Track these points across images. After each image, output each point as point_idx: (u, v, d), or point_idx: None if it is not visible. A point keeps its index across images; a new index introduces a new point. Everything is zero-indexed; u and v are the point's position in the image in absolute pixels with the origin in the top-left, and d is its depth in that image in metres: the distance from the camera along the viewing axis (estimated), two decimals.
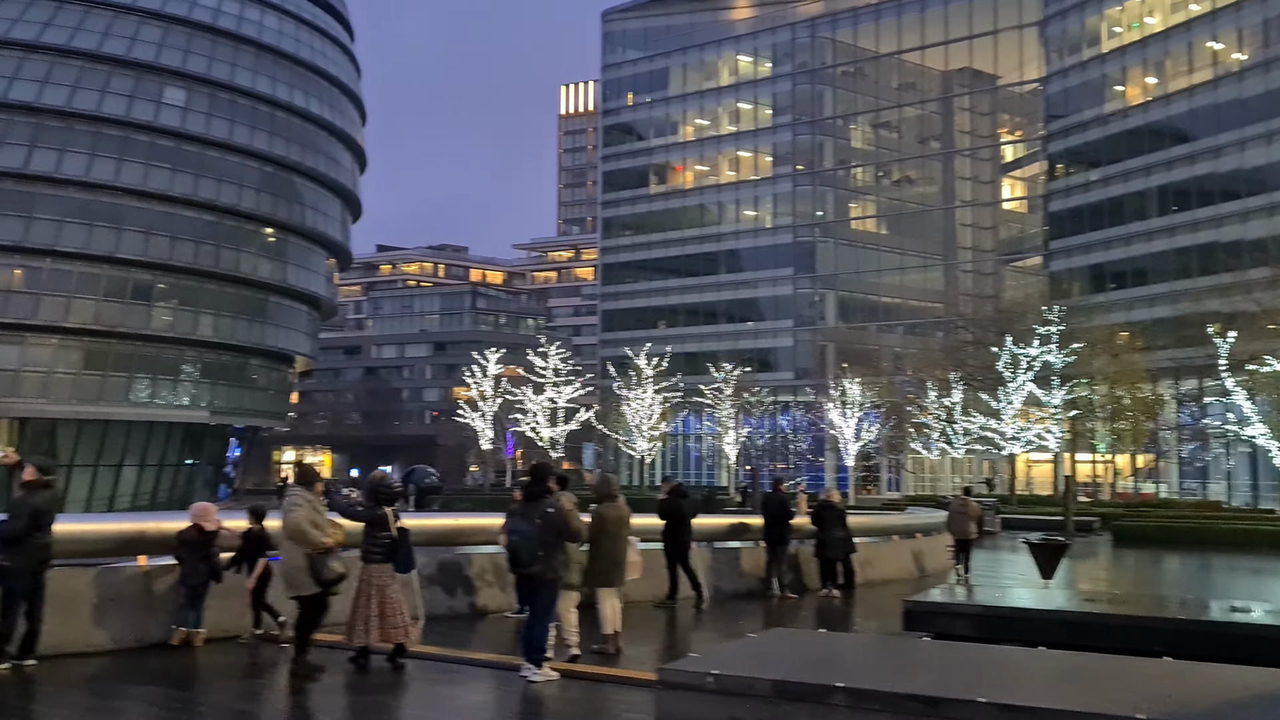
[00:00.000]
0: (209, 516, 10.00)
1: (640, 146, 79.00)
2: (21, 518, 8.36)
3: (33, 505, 8.46)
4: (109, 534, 10.03)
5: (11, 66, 50.38)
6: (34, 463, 8.80)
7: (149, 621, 9.58)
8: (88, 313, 50.58)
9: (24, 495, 8.52)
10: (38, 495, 8.55)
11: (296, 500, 8.61)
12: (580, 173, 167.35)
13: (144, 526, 9.89)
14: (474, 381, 64.32)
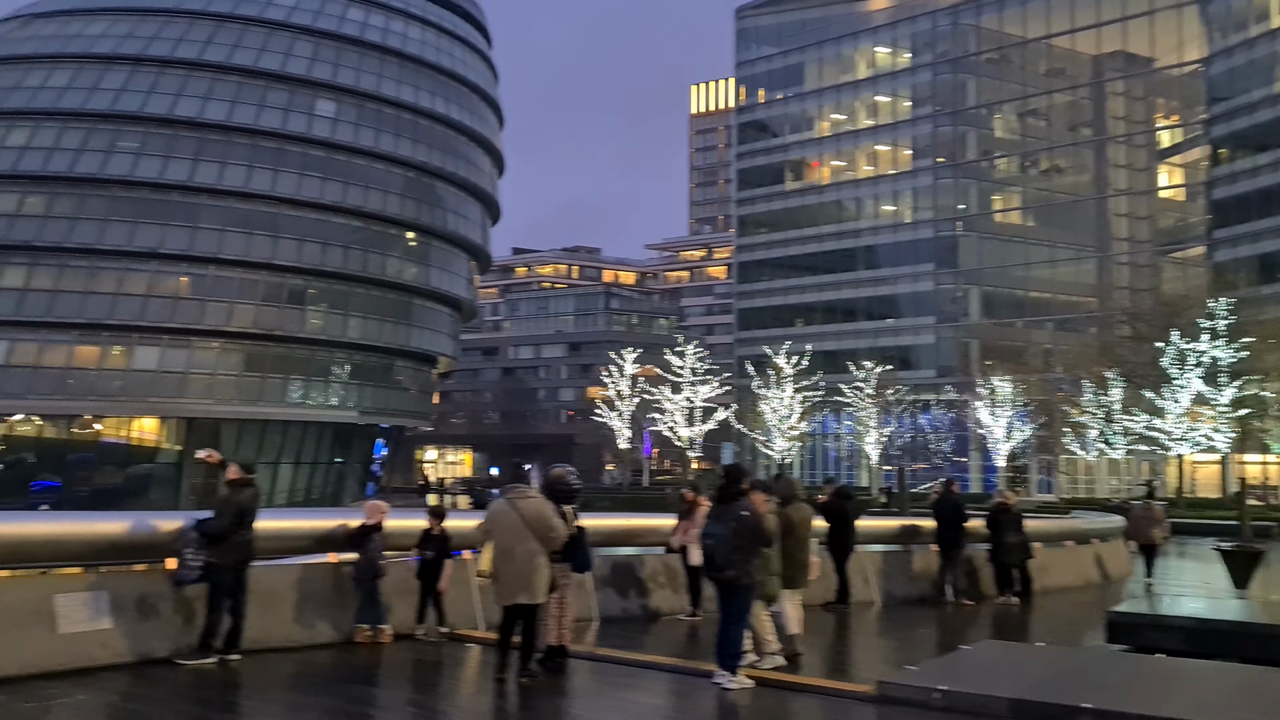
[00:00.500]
0: (376, 513, 10.07)
1: (775, 143, 78.09)
2: (227, 515, 8.54)
3: (237, 503, 8.65)
4: (305, 531, 10.17)
5: (176, 84, 53.07)
6: (237, 461, 8.99)
7: (342, 618, 9.70)
8: (247, 317, 52.86)
9: (229, 493, 8.71)
10: (242, 493, 8.73)
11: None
12: (711, 172, 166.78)
13: (335, 524, 10.01)
14: (611, 381, 64.61)
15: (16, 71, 52.59)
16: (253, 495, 8.86)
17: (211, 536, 8.50)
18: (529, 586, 8.13)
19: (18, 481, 49.94)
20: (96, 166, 50.43)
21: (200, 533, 8.56)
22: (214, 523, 8.54)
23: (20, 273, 49.23)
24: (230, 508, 8.61)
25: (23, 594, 7.89)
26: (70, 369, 49.54)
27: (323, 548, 9.97)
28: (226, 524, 8.51)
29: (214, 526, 8.51)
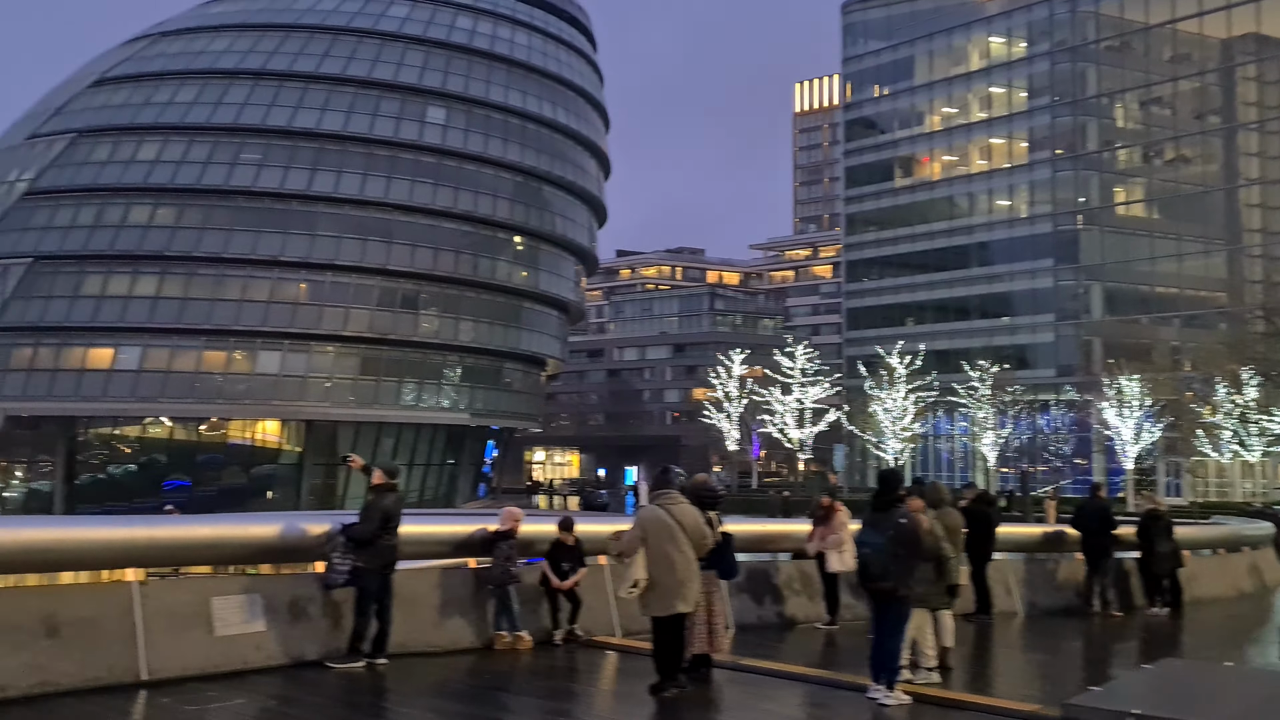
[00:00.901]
0: (510, 519, 9.98)
1: (884, 139, 76.60)
2: (373, 519, 8.55)
3: (383, 508, 8.65)
4: (444, 536, 10.15)
5: (295, 97, 54.69)
6: (381, 466, 9.00)
7: (480, 623, 9.64)
8: (363, 322, 54.13)
9: (375, 498, 8.72)
10: (387, 498, 8.73)
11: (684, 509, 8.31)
12: (816, 170, 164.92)
13: (474, 528, 9.96)
14: (719, 382, 64.21)
15: (146, 88, 54.86)
16: (397, 500, 8.87)
17: (358, 541, 8.52)
18: (686, 595, 7.93)
19: (152, 481, 52.08)
20: (222, 178, 52.26)
21: (347, 537, 8.58)
22: (360, 527, 8.56)
23: (152, 281, 51.31)
24: (376, 512, 8.62)
25: (184, 596, 8.02)
26: (199, 373, 51.43)
27: (460, 552, 9.93)
28: (373, 528, 8.51)
29: (360, 531, 8.53)
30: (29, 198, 52.26)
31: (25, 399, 49.71)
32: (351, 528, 8.60)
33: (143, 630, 7.56)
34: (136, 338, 50.73)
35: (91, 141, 53.20)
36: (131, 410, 51.38)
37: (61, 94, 57.23)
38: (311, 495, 54.48)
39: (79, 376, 50.22)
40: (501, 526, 9.84)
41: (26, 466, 53.80)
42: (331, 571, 8.46)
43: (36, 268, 50.68)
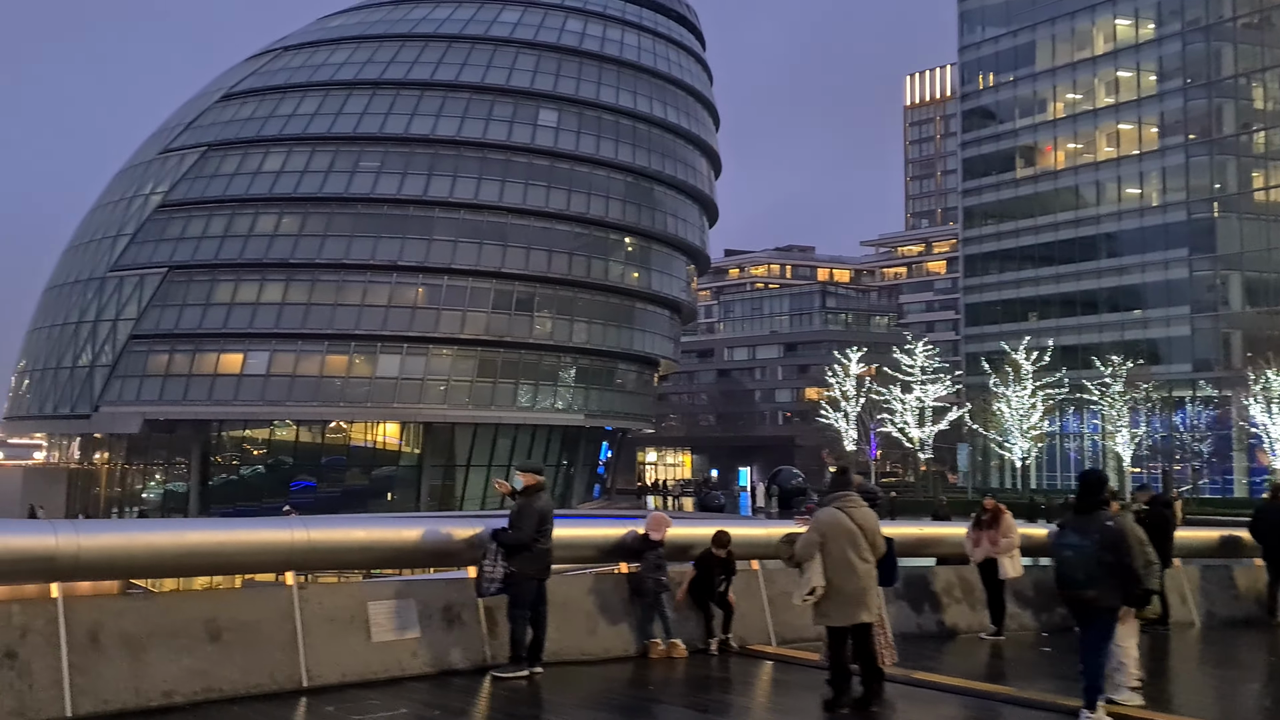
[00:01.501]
0: (660, 526, 9.55)
1: (1003, 129, 74.15)
2: (529, 523, 8.25)
3: (538, 509, 8.35)
4: (593, 539, 9.80)
5: (411, 104, 55.66)
6: (528, 467, 8.72)
7: (633, 631, 9.27)
8: (479, 324, 54.74)
9: (526, 500, 8.42)
10: (539, 499, 8.43)
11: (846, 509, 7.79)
12: (928, 164, 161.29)
13: (624, 530, 9.58)
14: (835, 381, 62.99)
15: (270, 101, 56.53)
16: (549, 501, 8.57)
17: (511, 546, 8.22)
18: (869, 603, 7.42)
19: (280, 482, 53.61)
20: (342, 186, 53.49)
21: (499, 543, 8.29)
22: (516, 533, 8.26)
23: (278, 288, 52.80)
24: (531, 515, 8.32)
25: (341, 601, 7.86)
26: (322, 377, 52.72)
27: (609, 558, 9.59)
28: (529, 533, 8.21)
29: (516, 537, 8.22)
30: (163, 210, 54.37)
31: (162, 403, 51.69)
32: (504, 533, 8.30)
33: (302, 635, 7.42)
34: (264, 343, 52.28)
35: (220, 154, 55.06)
36: (260, 414, 52.96)
37: (191, 109, 59.43)
38: (431, 497, 55.33)
39: (211, 381, 51.99)
40: (650, 534, 9.43)
41: (164, 468, 55.95)
42: (484, 579, 8.17)
43: (171, 277, 52.66)
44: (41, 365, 56.35)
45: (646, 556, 9.31)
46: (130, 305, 52.83)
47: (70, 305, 55.45)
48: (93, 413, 52.38)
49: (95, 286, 54.43)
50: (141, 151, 60.08)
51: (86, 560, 6.59)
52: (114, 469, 56.58)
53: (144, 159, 58.51)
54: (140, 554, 6.92)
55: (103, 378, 52.54)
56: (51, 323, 56.49)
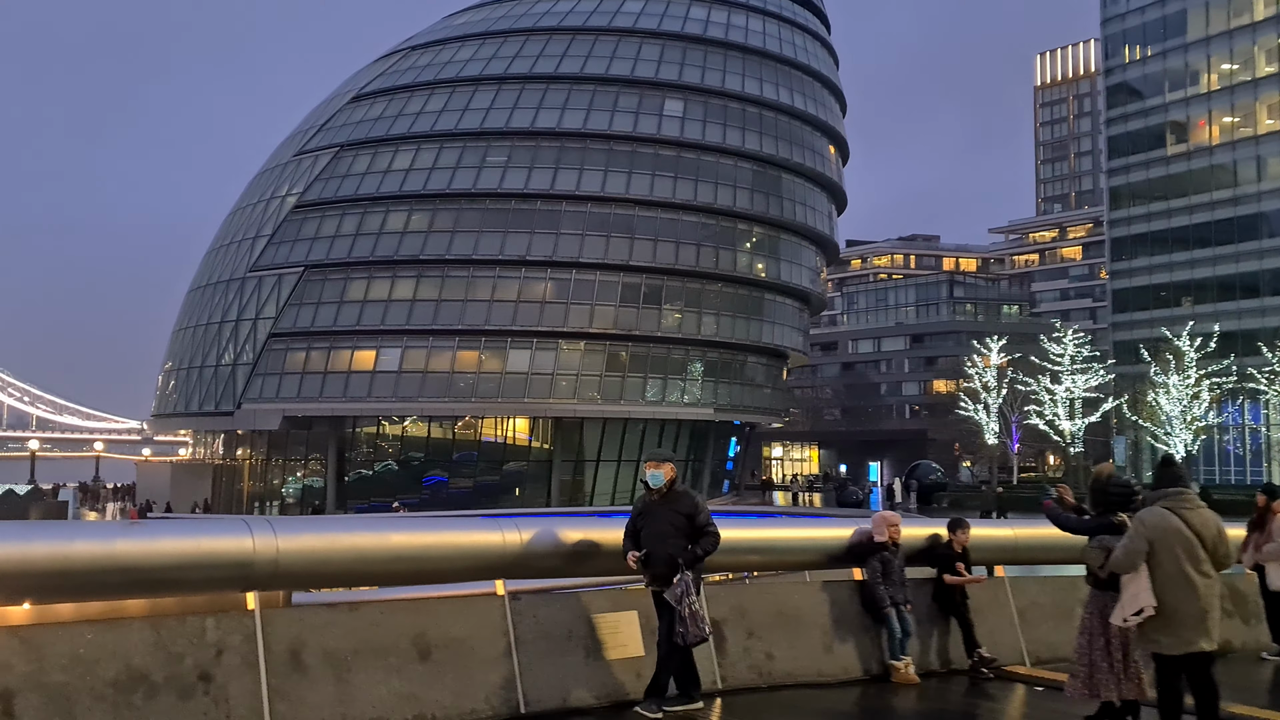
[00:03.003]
0: (883, 526, 8.35)
1: (1152, 103, 69.97)
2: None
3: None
4: (816, 542, 8.63)
5: (536, 98, 55.44)
6: (660, 456, 7.53)
7: (870, 648, 8.08)
8: (607, 318, 54.16)
9: (690, 495, 7.44)
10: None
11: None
12: (1061, 146, 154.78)
13: (850, 531, 8.41)
14: (975, 372, 60.33)
15: (399, 100, 57.05)
16: None
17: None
18: (1210, 629, 6.07)
19: (412, 478, 54.10)
20: (470, 182, 53.57)
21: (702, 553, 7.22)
22: (710, 542, 7.22)
23: (409, 285, 53.20)
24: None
25: (559, 613, 6.74)
26: (453, 373, 52.88)
27: (836, 563, 8.41)
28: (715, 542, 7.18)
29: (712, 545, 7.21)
30: (298, 210, 55.38)
31: (300, 400, 52.62)
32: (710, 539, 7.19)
33: (516, 654, 6.49)
34: (397, 340, 52.73)
35: (352, 154, 55.80)
36: (393, 410, 53.47)
37: (324, 111, 60.48)
38: (561, 492, 55.06)
39: (346, 378, 52.69)
40: (876, 535, 8.25)
41: (302, 464, 57.06)
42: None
43: (307, 276, 53.57)
44: (186, 364, 58.12)
45: (871, 562, 8.15)
46: (269, 304, 53.96)
47: (212, 305, 57.00)
48: (235, 410, 53.68)
49: (236, 287, 55.80)
50: (277, 154, 61.46)
51: (286, 566, 5.76)
52: (255, 464, 57.98)
53: (280, 161, 59.80)
54: (343, 558, 6.02)
55: (244, 375, 53.80)
56: (195, 323, 58.19)
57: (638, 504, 7.24)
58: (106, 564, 5.20)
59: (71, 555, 5.12)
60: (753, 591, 7.60)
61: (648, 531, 6.97)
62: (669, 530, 6.96)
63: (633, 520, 7.14)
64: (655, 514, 7.04)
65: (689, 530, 7.01)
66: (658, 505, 7.08)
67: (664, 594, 6.76)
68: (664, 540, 6.92)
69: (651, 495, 7.16)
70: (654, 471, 7.26)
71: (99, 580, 5.26)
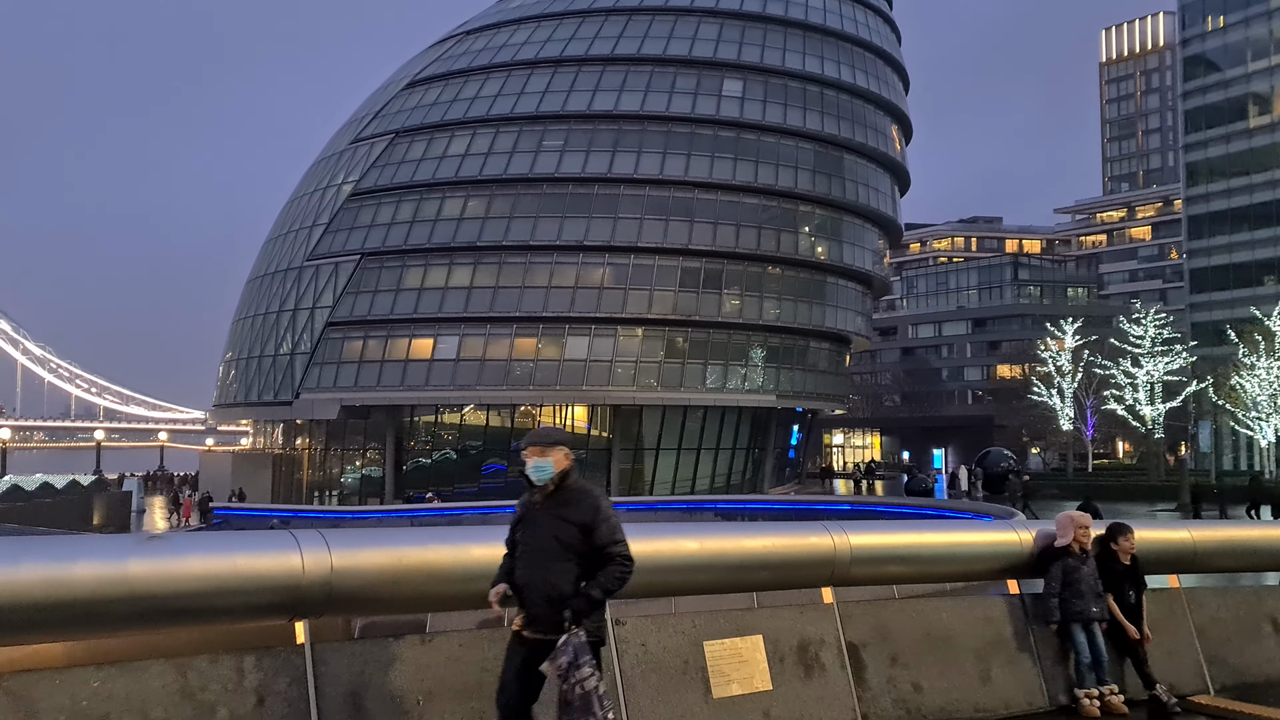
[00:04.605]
0: (1068, 528, 7.05)
1: (1233, 74, 66.97)
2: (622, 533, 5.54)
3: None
4: (979, 548, 7.34)
5: (592, 80, 54.31)
6: (546, 438, 5.35)
7: (1038, 676, 6.80)
8: (667, 304, 52.97)
9: (587, 491, 5.23)
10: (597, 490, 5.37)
11: None
12: (1128, 124, 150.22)
13: (1024, 536, 7.14)
14: (1049, 356, 58.20)
15: (454, 85, 56.28)
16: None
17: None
18: None
19: (470, 466, 53.50)
20: (526, 167, 52.65)
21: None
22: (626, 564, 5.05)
23: (466, 272, 52.46)
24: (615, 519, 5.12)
25: (670, 640, 5.50)
26: (511, 360, 52.10)
27: (1005, 574, 7.16)
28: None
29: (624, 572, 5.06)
30: (354, 198, 54.89)
31: (357, 389, 52.21)
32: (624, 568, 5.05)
33: (623, 690, 5.35)
34: (454, 327, 52.04)
35: (407, 141, 55.16)
36: (452, 398, 52.83)
37: (379, 98, 59.97)
38: (621, 481, 54.09)
39: (403, 366, 52.14)
40: (1059, 539, 6.98)
41: (360, 453, 56.74)
42: None
43: (364, 264, 53.08)
44: (245, 354, 58.06)
45: (1051, 570, 6.90)
46: (326, 293, 53.58)
47: (270, 295, 56.81)
48: (294, 399, 53.44)
49: (293, 276, 55.52)
50: (334, 142, 61.10)
51: (344, 588, 4.62)
52: (314, 454, 57.78)
53: (336, 149, 59.42)
54: (414, 578, 4.83)
55: (302, 365, 53.52)
56: (254, 313, 58.08)
57: (519, 507, 5.17)
58: (117, 590, 4.08)
59: (73, 581, 4.00)
60: (894, 610, 6.37)
61: (525, 550, 4.94)
62: (553, 549, 4.86)
63: (510, 531, 5.10)
64: (537, 523, 4.96)
65: (584, 551, 4.86)
66: (541, 510, 4.99)
67: (549, 653, 4.65)
68: (544, 565, 4.85)
69: (534, 495, 5.04)
70: (537, 460, 5.04)
71: (107, 611, 4.14)
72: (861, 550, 5.97)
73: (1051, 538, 7.07)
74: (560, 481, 5.01)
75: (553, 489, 4.99)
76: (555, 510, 4.93)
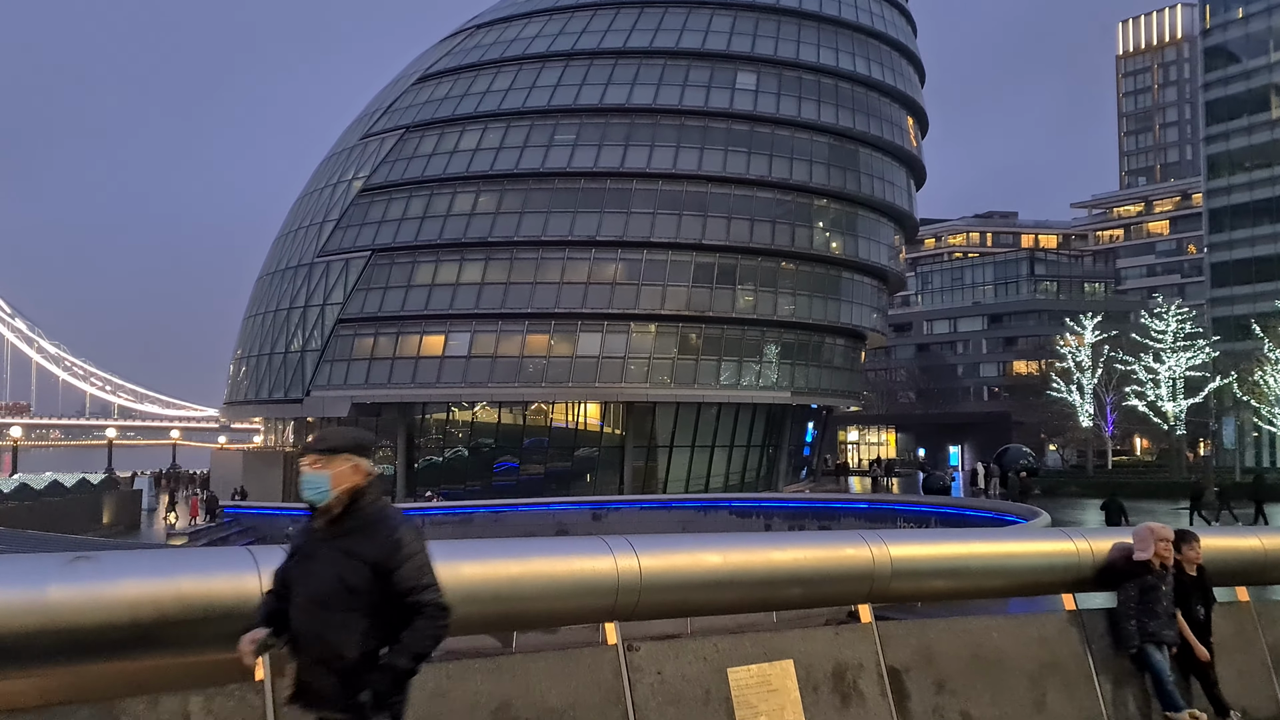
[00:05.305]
0: (1149, 541, 6.36)
1: (1255, 64, 65.85)
2: (431, 575, 4.26)
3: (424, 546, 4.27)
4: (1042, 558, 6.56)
5: (604, 74, 53.70)
6: (337, 443, 4.05)
7: (1101, 701, 6.12)
8: (680, 299, 52.34)
9: (385, 519, 3.71)
10: (398, 517, 4.04)
11: None
12: (1145, 117, 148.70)
13: (1090, 546, 6.46)
14: (1069, 352, 57.31)
15: (465, 80, 55.74)
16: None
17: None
18: None
19: (483, 464, 52.99)
20: (538, 162, 52.07)
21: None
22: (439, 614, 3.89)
23: (477, 268, 51.93)
24: (426, 559, 3.89)
25: (691, 667, 4.75)
26: (523, 357, 51.55)
27: (1064, 587, 6.46)
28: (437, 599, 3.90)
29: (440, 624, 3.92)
30: (365, 194, 54.42)
31: (368, 386, 51.75)
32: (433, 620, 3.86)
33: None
34: (465, 324, 51.51)
35: (418, 136, 54.65)
36: (463, 395, 52.32)
37: (390, 93, 59.49)
38: (634, 479, 53.52)
39: (414, 363, 51.64)
40: (1138, 552, 6.29)
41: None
42: None
43: (374, 260, 52.60)
44: (256, 351, 57.67)
45: (1126, 587, 6.24)
46: (337, 290, 53.13)
47: (281, 292, 56.40)
48: (304, 397, 53.01)
49: (304, 272, 55.09)
50: (344, 138, 60.66)
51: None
52: None
53: (347, 145, 58.96)
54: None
55: (313, 362, 53.09)
56: (264, 309, 57.69)
57: (295, 535, 3.97)
58: (32, 621, 3.41)
59: None
60: (940, 630, 5.70)
61: (298, 595, 3.73)
62: (335, 596, 3.65)
63: (282, 567, 3.87)
64: (315, 559, 3.74)
65: (378, 600, 3.66)
66: (323, 542, 3.76)
67: None
68: (322, 618, 3.65)
69: (315, 520, 3.81)
70: (310, 474, 3.79)
71: (20, 646, 3.44)
72: (903, 563, 5.32)
73: (1127, 551, 6.39)
74: (350, 503, 3.74)
75: (339, 513, 3.73)
76: (341, 542, 3.68)
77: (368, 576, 3.62)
